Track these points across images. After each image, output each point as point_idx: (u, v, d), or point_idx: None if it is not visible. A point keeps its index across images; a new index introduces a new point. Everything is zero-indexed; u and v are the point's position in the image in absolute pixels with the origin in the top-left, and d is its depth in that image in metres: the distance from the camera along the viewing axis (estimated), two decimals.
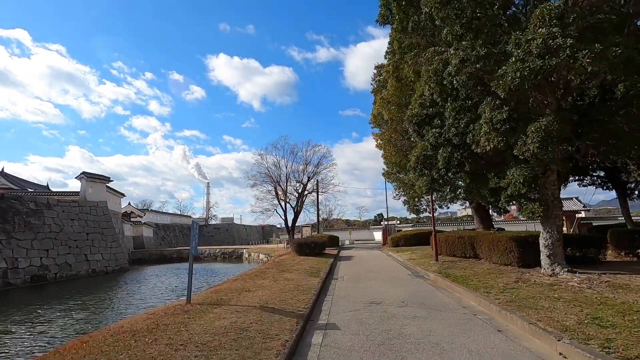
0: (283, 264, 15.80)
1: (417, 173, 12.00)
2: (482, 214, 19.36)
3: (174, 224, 64.63)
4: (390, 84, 17.43)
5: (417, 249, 23.26)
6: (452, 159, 10.51)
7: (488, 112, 7.66)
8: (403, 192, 22.77)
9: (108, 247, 31.71)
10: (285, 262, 17.01)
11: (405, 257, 18.59)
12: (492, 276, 10.51)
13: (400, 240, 27.05)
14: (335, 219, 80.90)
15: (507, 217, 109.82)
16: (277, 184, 33.83)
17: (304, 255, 20.21)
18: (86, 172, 31.63)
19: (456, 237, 15.52)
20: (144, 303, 15.55)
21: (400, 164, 19.75)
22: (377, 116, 20.10)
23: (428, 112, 11.25)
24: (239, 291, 9.25)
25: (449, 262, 14.55)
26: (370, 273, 13.96)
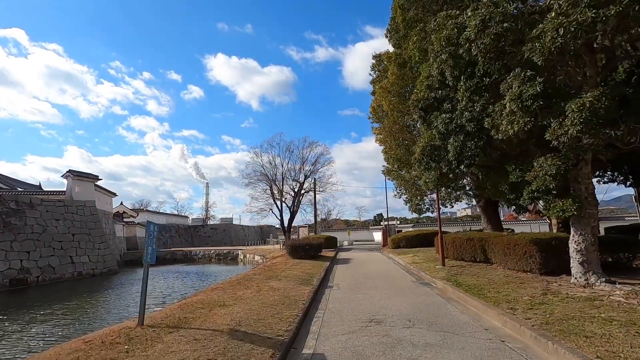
0: (273, 269, 14.20)
1: (422, 167, 10.40)
2: (490, 213, 17.77)
3: (169, 225, 62.97)
4: (391, 71, 15.85)
5: (419, 251, 21.65)
6: (465, 148, 8.92)
7: (516, 87, 6.07)
8: (404, 190, 21.19)
9: (95, 249, 30.09)
10: (276, 266, 15.41)
11: (408, 261, 17.00)
12: (512, 286, 8.91)
13: (401, 242, 25.45)
14: (334, 219, 79.34)
15: (507, 217, 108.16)
16: (272, 183, 32.27)
17: (298, 258, 18.61)
18: (72, 170, 30.02)
19: (464, 239, 13.92)
20: (117, 314, 13.97)
21: (401, 159, 18.17)
22: (376, 109, 18.52)
23: (436, 94, 9.66)
24: (211, 306, 7.64)
25: (457, 267, 12.94)
26: (369, 280, 12.36)
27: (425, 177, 10.40)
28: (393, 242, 25.85)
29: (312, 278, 12.15)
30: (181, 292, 17.47)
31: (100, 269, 29.64)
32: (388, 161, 21.99)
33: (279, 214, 32.73)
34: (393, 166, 21.43)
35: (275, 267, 15.17)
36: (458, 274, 11.63)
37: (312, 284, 10.99)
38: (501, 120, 7.01)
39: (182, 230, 66.30)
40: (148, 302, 15.94)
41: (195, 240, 66.52)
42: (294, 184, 32.16)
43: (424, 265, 14.42)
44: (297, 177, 32.32)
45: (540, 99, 5.84)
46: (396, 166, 20.54)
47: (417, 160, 10.40)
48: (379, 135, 19.60)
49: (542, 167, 7.13)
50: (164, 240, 59.73)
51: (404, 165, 18.66)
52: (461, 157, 9.04)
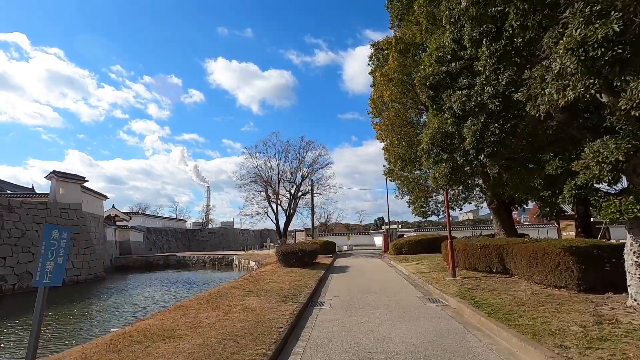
0: (257, 280, 12.22)
1: (432, 159, 8.46)
2: (503, 216, 15.77)
3: (166, 228, 61.09)
4: (392, 57, 13.98)
5: (423, 258, 19.62)
6: (487, 133, 6.97)
7: (578, 30, 4.15)
8: (407, 191, 19.21)
9: (80, 254, 28.17)
10: (262, 276, 13.44)
11: (412, 269, 14.99)
12: (549, 308, 6.91)
13: (403, 247, 23.41)
14: (334, 223, 77.29)
15: None
16: (268, 185, 30.37)
17: (290, 266, 16.62)
18: (57, 171, 28.22)
19: (478, 245, 11.92)
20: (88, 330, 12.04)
21: (404, 157, 16.25)
22: (377, 101, 16.62)
23: (449, 68, 7.74)
24: (154, 338, 5.68)
25: (471, 280, 10.94)
26: (367, 294, 10.36)
27: (435, 172, 8.48)
28: (395, 248, 23.81)
29: (300, 292, 10.17)
30: (159, 305, 15.49)
31: (85, 276, 27.72)
32: (389, 160, 20.04)
33: (274, 218, 30.76)
34: (395, 165, 19.48)
35: (261, 277, 13.20)
36: (473, 288, 9.62)
37: (298, 300, 9.01)
38: (544, 88, 5.07)
39: (180, 234, 64.42)
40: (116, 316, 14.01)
41: (193, 245, 64.57)
42: (290, 185, 30.23)
43: (431, 276, 12.40)
44: (293, 178, 30.40)
45: (617, 44, 3.92)
46: (398, 165, 18.59)
47: (425, 151, 8.47)
48: (379, 131, 17.69)
49: (598, 153, 5.16)
50: (160, 244, 57.87)
51: (407, 163, 16.72)
52: (481, 144, 7.09)
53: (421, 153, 8.62)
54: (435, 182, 8.79)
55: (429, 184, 18.02)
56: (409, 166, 17.99)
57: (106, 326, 11.91)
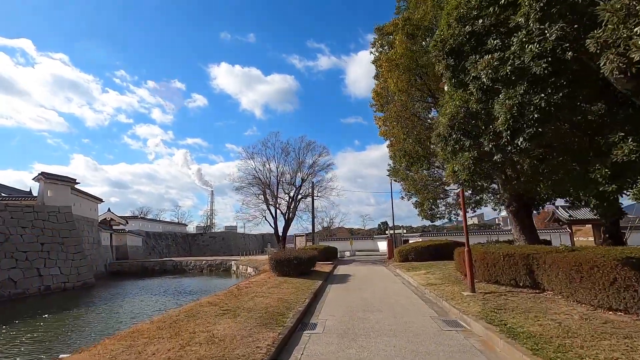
0: (242, 294, 10.41)
1: (450, 147, 6.66)
2: (523, 220, 13.88)
3: (166, 233, 59.49)
4: (399, 39, 12.23)
5: (432, 266, 17.70)
6: (527, 108, 5.16)
7: None
8: (414, 192, 17.36)
9: (69, 260, 26.54)
10: (250, 288, 11.63)
11: (421, 280, 13.11)
12: (614, 344, 5.04)
13: (409, 254, 21.47)
14: (337, 227, 75.38)
15: None
16: (266, 187, 28.64)
17: (285, 275, 14.80)
18: (45, 173, 26.72)
19: (500, 254, 10.02)
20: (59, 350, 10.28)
21: (411, 153, 14.46)
22: (380, 93, 14.85)
23: (474, 27, 5.97)
24: None
25: (494, 296, 9.05)
26: (370, 313, 8.52)
27: (454, 164, 6.68)
28: (400, 255, 21.88)
29: (289, 310, 8.35)
30: (138, 318, 13.72)
31: (73, 283, 26.05)
32: (394, 158, 18.21)
33: (273, 222, 28.98)
34: (400, 164, 17.66)
35: (248, 289, 11.39)
36: (500, 308, 7.75)
37: (284, 322, 7.20)
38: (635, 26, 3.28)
39: (180, 238, 62.80)
40: (82, 336, 12.13)
41: (194, 249, 62.90)
42: (289, 188, 28.47)
43: (445, 290, 10.52)
44: (293, 180, 28.64)
45: None
46: (404, 164, 16.76)
47: (441, 138, 6.67)
48: (383, 127, 15.90)
49: None
50: (159, 249, 56.27)
51: (414, 161, 14.92)
52: (519, 122, 5.29)
53: (436, 141, 6.82)
54: (454, 177, 6.98)
55: (439, 184, 16.19)
56: (416, 165, 16.17)
57: (60, 349, 10.14)
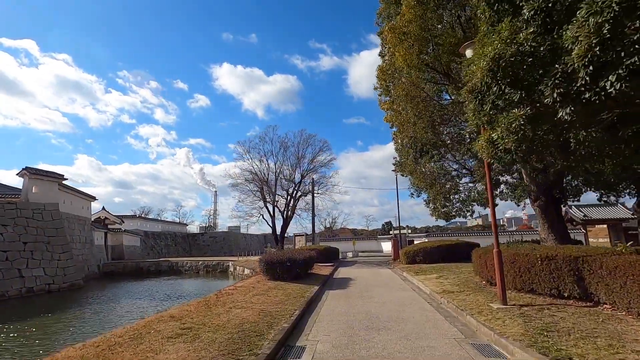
0: (217, 304, 8.44)
1: (488, 105, 4.63)
2: (553, 216, 11.81)
3: (165, 232, 57.75)
4: (406, 4, 10.24)
5: (444, 269, 15.63)
6: (620, 28, 3.15)
7: None
8: (424, 188, 15.30)
9: (54, 260, 24.75)
10: (230, 297, 9.65)
11: (434, 286, 11.07)
12: None
13: (417, 255, 19.40)
14: (340, 227, 73.35)
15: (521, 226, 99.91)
16: (264, 184, 26.71)
17: (277, 279, 12.82)
18: (30, 168, 24.99)
19: (538, 257, 7.95)
20: None
21: (422, 139, 12.44)
22: (385, 70, 12.81)
23: None
24: None
25: (534, 310, 6.99)
26: (375, 332, 6.52)
27: (497, 128, 4.66)
28: (407, 256, 19.81)
29: (271, 328, 6.37)
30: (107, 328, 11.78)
31: (58, 284, 24.22)
32: (401, 151, 16.21)
33: (270, 221, 27.02)
34: (407, 157, 15.64)
35: (228, 297, 9.42)
36: (550, 328, 5.71)
37: (259, 349, 5.21)
38: None
39: (180, 238, 61.04)
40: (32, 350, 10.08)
41: (194, 249, 61.13)
42: (287, 184, 26.50)
43: (467, 300, 8.47)
44: (292, 177, 26.68)
45: None
46: (412, 156, 14.73)
47: (476, 93, 4.65)
48: (389, 111, 13.88)
49: None
50: (158, 249, 54.56)
51: (426, 150, 12.89)
52: (609, 52, 3.29)
53: (468, 98, 4.80)
54: (490, 149, 4.93)
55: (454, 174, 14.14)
56: (426, 156, 14.14)
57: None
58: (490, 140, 4.89)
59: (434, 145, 13.10)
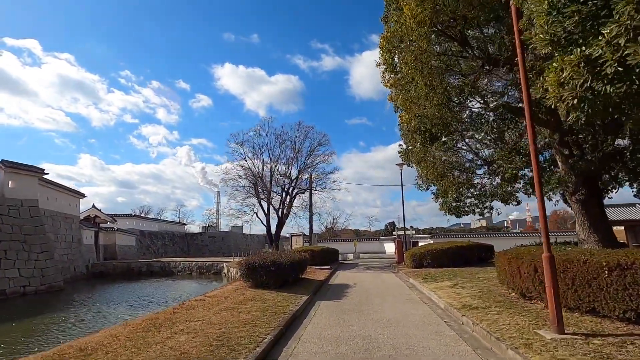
0: (167, 324, 6.21)
1: (576, 18, 2.41)
2: (595, 213, 9.52)
3: (163, 232, 55.78)
4: None
5: (456, 274, 13.33)
6: None
7: None
8: (434, 179, 13.00)
9: (32, 260, 22.73)
10: (193, 311, 7.43)
11: (450, 298, 8.79)
12: None
13: (424, 258, 17.11)
14: (342, 228, 71.01)
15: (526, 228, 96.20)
16: (258, 179, 24.53)
17: (259, 286, 10.60)
18: (5, 161, 22.99)
19: (602, 265, 5.64)
20: None
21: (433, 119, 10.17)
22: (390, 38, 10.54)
23: None
24: None
25: (610, 345, 4.69)
26: None
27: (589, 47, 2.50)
28: (413, 259, 17.51)
29: None
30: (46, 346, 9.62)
31: (35, 286, 22.19)
32: (407, 137, 13.94)
33: (265, 219, 24.81)
34: (414, 143, 13.37)
35: (188, 312, 7.20)
36: None
37: None
38: None
39: (178, 238, 59.06)
40: None
41: (192, 249, 59.11)
42: (283, 180, 24.29)
43: (500, 321, 6.18)
44: (287, 172, 24.46)
45: None
46: (420, 141, 12.45)
47: None
48: (394, 88, 11.58)
49: None
50: (155, 248, 52.56)
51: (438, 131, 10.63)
52: None
53: (536, 10, 2.63)
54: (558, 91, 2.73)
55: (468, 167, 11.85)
56: (437, 142, 11.87)
57: None
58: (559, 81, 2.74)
59: (446, 127, 10.82)
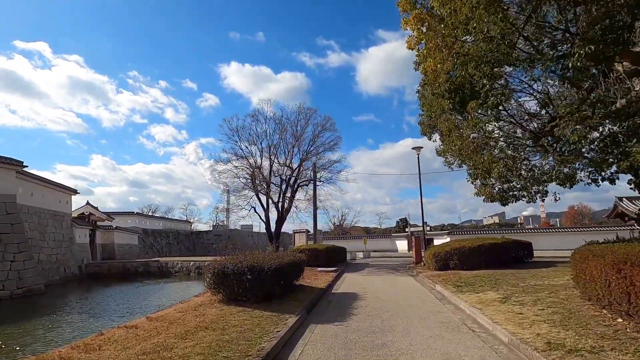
0: None
1: None
2: None
3: (167, 230, 53.48)
4: None
5: (499, 279, 10.00)
6: None
7: None
8: (467, 157, 9.68)
9: (7, 261, 20.19)
10: (115, 344, 4.35)
11: (517, 327, 5.54)
12: None
13: (450, 258, 13.76)
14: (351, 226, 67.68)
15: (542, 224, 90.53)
16: (256, 170, 21.50)
17: (233, 301, 7.51)
18: None
19: None
20: None
21: (480, 53, 6.91)
22: None
23: None
24: None
25: None
26: None
27: None
28: (436, 259, 14.19)
29: None
30: None
31: (10, 290, 19.65)
32: (431, 103, 10.65)
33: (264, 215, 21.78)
34: (440, 109, 10.10)
35: (91, 354, 4.14)
36: None
37: None
38: None
39: (183, 236, 56.71)
40: None
41: (198, 248, 56.73)
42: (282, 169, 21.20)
43: None
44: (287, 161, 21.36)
45: None
46: (448, 104, 9.18)
47: None
48: (415, 31, 8.40)
49: None
50: (158, 247, 50.26)
51: (487, 76, 7.33)
52: None
53: None
54: None
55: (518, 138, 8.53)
56: (475, 100, 8.59)
57: None
58: None
59: (493, 77, 7.53)
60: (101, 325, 11.75)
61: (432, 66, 8.46)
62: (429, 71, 8.85)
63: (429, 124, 10.76)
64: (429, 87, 10.16)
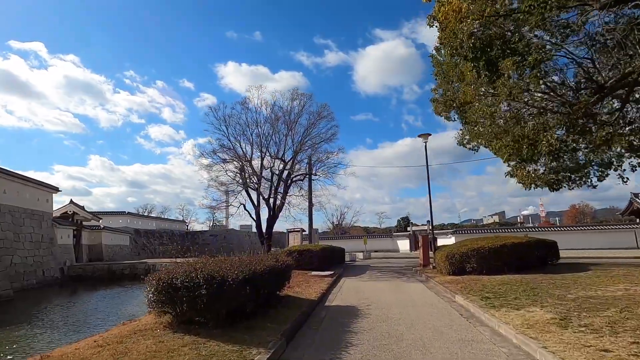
0: None
1: None
2: None
3: (161, 230, 51.26)
4: None
5: (534, 287, 7.81)
6: None
7: None
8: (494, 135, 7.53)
9: None
10: None
11: None
12: None
13: (467, 261, 11.54)
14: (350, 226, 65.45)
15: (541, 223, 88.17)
16: (245, 162, 19.31)
17: (187, 325, 5.31)
18: None
19: None
20: None
21: None
22: None
23: None
24: None
25: None
26: None
27: None
28: (450, 261, 11.96)
29: None
30: None
31: None
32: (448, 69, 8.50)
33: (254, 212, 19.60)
34: (461, 75, 7.94)
35: None
36: None
37: None
38: None
39: (178, 237, 54.31)
40: None
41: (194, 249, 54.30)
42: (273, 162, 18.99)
43: None
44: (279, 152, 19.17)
45: None
46: (471, 70, 7.04)
47: None
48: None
49: None
50: (151, 248, 48.02)
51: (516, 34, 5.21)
52: None
53: None
54: None
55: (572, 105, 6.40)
56: (509, 59, 6.42)
57: None
58: None
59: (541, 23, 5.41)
60: (56, 340, 9.57)
61: (455, 5, 6.25)
62: (450, 17, 6.63)
63: (444, 101, 8.56)
64: (446, 48, 7.96)
